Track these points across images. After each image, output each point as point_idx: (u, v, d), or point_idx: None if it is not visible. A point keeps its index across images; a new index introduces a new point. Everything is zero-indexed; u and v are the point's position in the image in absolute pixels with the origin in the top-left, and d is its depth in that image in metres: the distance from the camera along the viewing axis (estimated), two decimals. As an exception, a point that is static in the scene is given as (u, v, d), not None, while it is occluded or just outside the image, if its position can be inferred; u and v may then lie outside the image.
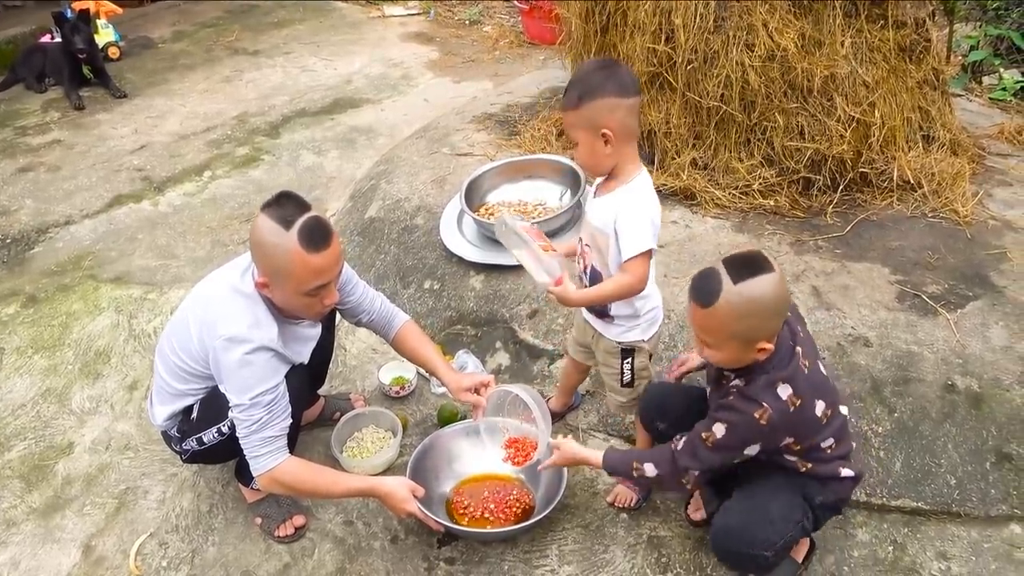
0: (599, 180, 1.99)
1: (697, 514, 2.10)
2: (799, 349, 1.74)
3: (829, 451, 1.75)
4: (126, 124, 4.92)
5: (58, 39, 5.34)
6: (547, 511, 2.05)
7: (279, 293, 1.91)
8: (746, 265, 1.59)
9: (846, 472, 1.78)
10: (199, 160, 4.42)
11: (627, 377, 2.07)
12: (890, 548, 2.04)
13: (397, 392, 2.65)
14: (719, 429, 1.68)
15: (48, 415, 2.71)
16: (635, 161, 1.90)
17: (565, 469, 2.10)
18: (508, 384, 2.34)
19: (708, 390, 1.92)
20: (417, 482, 2.07)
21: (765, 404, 1.63)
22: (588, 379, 2.49)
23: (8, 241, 3.77)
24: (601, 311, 2.03)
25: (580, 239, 2.04)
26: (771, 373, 1.67)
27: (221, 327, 1.89)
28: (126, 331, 3.08)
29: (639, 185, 1.88)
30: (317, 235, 1.83)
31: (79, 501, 2.38)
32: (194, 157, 4.46)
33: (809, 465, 1.74)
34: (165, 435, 2.19)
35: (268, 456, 1.93)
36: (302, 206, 1.86)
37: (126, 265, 3.51)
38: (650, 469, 1.79)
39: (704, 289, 1.61)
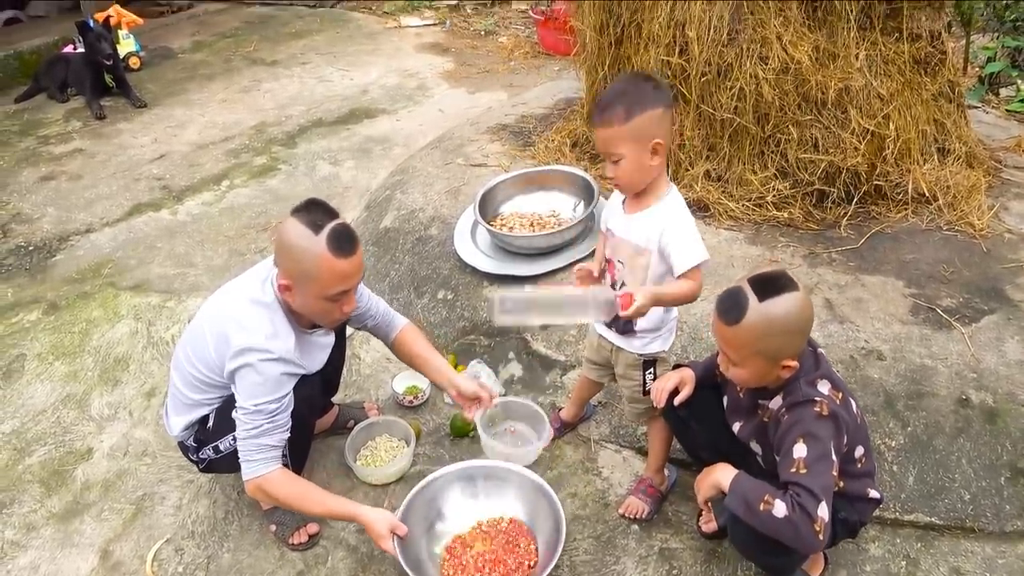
0: (623, 197, 1.98)
1: (708, 526, 2.10)
2: (822, 351, 1.78)
3: (860, 464, 1.75)
4: (146, 133, 4.99)
5: (81, 50, 5.44)
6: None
7: (300, 297, 1.94)
8: (772, 283, 1.63)
9: (873, 493, 1.79)
10: (217, 169, 4.48)
11: (648, 387, 2.08)
12: (903, 563, 2.03)
13: (410, 401, 2.67)
14: (799, 449, 1.62)
15: (68, 421, 2.76)
16: (666, 175, 1.92)
17: (563, 521, 2.03)
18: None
19: (736, 426, 1.89)
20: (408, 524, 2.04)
21: (817, 398, 1.64)
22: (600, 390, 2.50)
23: (31, 249, 3.84)
24: (625, 327, 2.04)
25: (608, 258, 2.04)
26: (806, 375, 1.70)
27: (239, 337, 1.92)
28: (144, 338, 3.12)
29: (676, 199, 1.91)
30: (345, 241, 1.88)
31: (97, 506, 2.42)
32: (212, 166, 4.52)
33: (841, 484, 1.72)
34: (182, 445, 2.23)
35: (260, 463, 1.97)
36: (331, 212, 1.91)
37: (145, 273, 3.56)
38: (780, 508, 1.59)
39: (731, 307, 1.64)
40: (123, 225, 3.99)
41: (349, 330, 2.46)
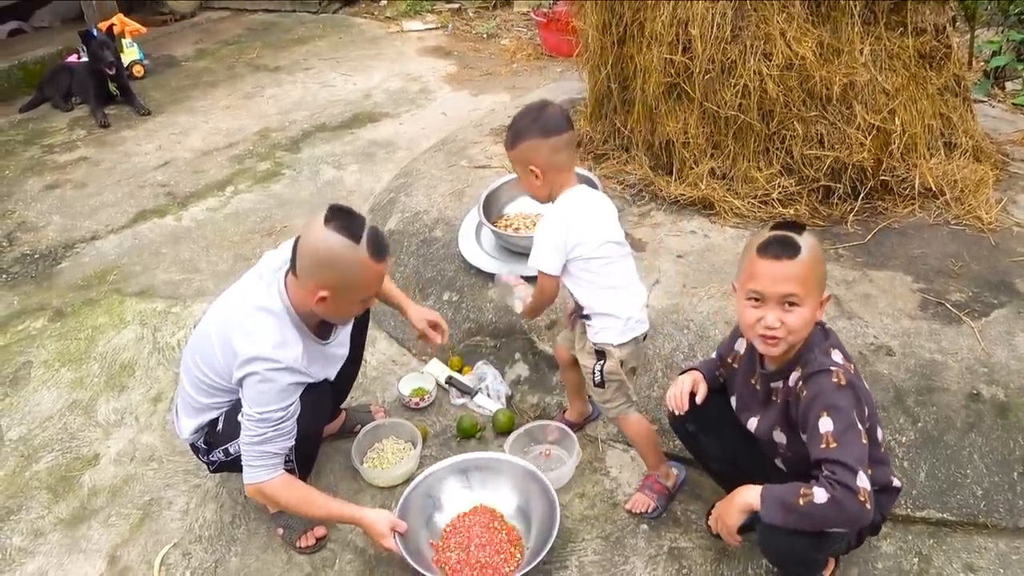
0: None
1: (734, 540, 2.08)
2: (828, 326, 1.78)
3: (882, 448, 1.73)
4: (150, 141, 5.01)
5: (84, 59, 5.45)
6: (534, 562, 1.99)
7: (336, 304, 1.94)
8: (791, 226, 1.67)
9: (896, 482, 1.77)
10: (221, 175, 4.49)
11: (597, 378, 2.10)
12: (915, 560, 2.01)
13: (416, 403, 2.66)
14: (825, 424, 1.58)
15: (75, 427, 2.75)
16: (568, 185, 2.06)
17: (557, 504, 2.06)
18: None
19: (753, 422, 1.86)
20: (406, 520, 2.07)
21: (833, 368, 1.63)
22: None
23: (36, 256, 3.84)
24: (578, 308, 2.13)
25: None
26: (817, 347, 1.69)
27: (246, 346, 1.91)
28: (150, 344, 3.12)
29: (555, 208, 2.05)
30: (382, 244, 1.93)
31: (104, 512, 2.41)
32: (217, 172, 4.53)
33: (868, 471, 1.65)
34: (193, 446, 2.22)
35: (262, 470, 1.96)
36: (360, 217, 1.92)
37: (150, 279, 3.56)
38: (820, 494, 1.54)
39: (786, 243, 1.63)
40: (128, 232, 3.99)
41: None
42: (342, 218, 1.88)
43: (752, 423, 1.87)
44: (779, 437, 1.82)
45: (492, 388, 2.63)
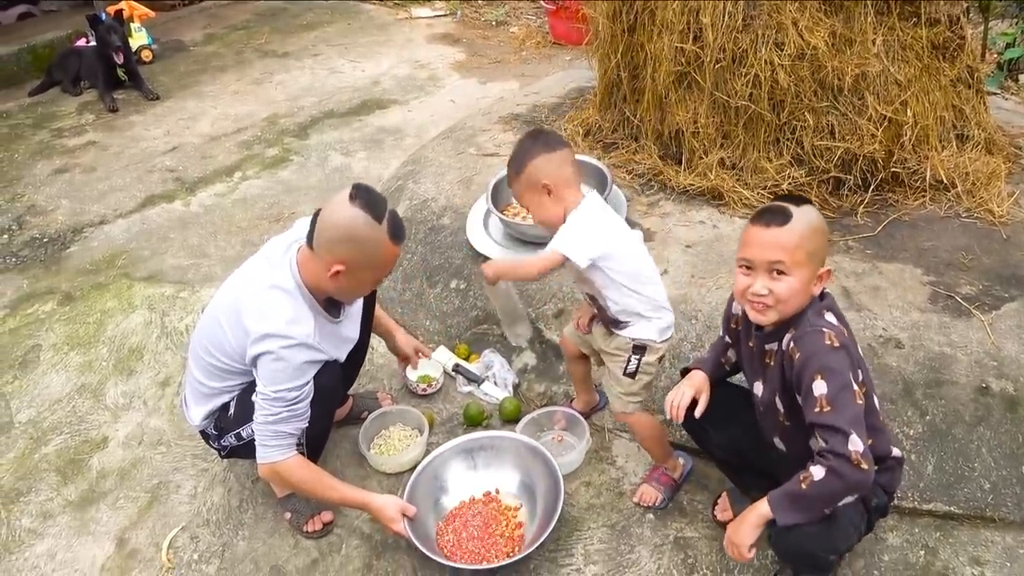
0: None
1: (724, 515, 2.09)
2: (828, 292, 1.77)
3: (881, 417, 1.72)
4: (159, 126, 5.01)
5: (93, 43, 5.45)
6: (533, 546, 2.01)
7: (351, 281, 1.96)
8: (790, 198, 1.68)
9: (896, 452, 1.76)
10: (230, 161, 4.49)
11: (632, 366, 2.05)
12: (921, 553, 2.01)
13: (424, 390, 2.66)
14: (819, 387, 1.57)
15: (83, 410, 2.77)
16: (579, 198, 2.02)
17: (560, 501, 2.06)
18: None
19: (758, 387, 1.83)
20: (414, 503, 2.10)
21: (825, 329, 1.62)
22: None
23: (45, 240, 3.85)
24: (612, 322, 2.05)
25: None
26: (810, 308, 1.68)
27: (259, 323, 1.91)
28: (158, 328, 3.13)
29: (579, 213, 1.99)
30: (400, 227, 1.97)
31: (113, 494, 2.43)
32: (225, 158, 4.53)
33: (870, 441, 1.61)
34: (203, 433, 2.22)
35: (276, 449, 1.97)
36: (384, 198, 1.96)
37: (158, 264, 3.57)
38: (817, 471, 1.55)
39: (776, 211, 1.65)
40: (136, 216, 4.00)
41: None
42: (367, 196, 1.92)
43: (757, 388, 1.85)
44: (779, 403, 1.78)
45: (499, 376, 2.64)
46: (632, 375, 2.07)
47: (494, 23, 6.56)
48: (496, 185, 3.08)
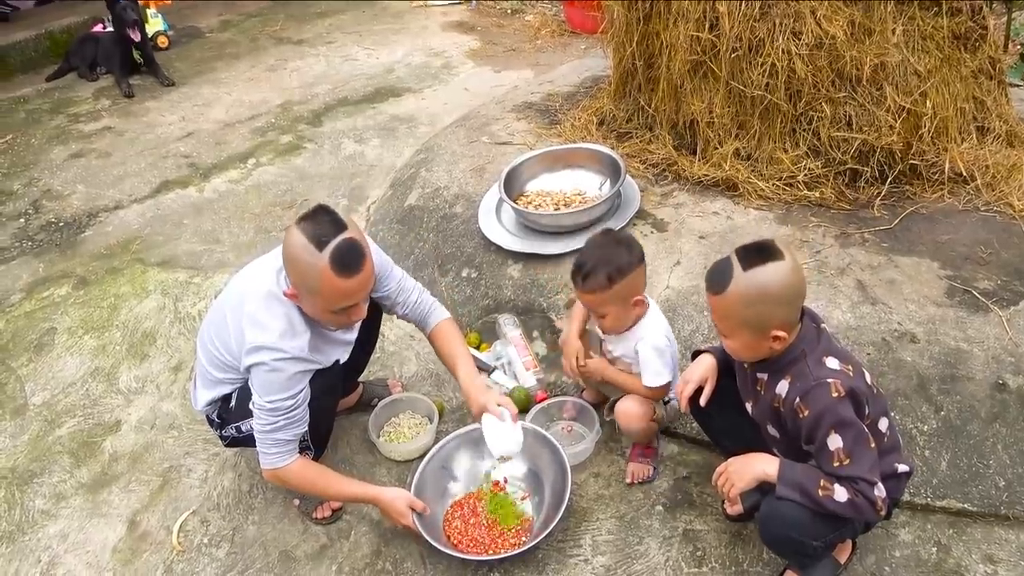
0: None
1: (734, 508, 2.07)
2: (824, 326, 1.75)
3: (886, 439, 1.71)
4: (174, 112, 5.02)
5: (110, 28, 5.47)
6: (537, 539, 2.00)
7: (307, 306, 1.90)
8: (757, 252, 1.62)
9: (902, 468, 1.75)
10: (244, 147, 4.50)
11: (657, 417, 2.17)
12: (934, 550, 1.99)
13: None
14: (834, 441, 1.59)
15: (97, 394, 2.79)
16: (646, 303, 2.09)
17: (568, 491, 2.05)
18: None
19: (748, 406, 1.87)
20: (421, 498, 2.09)
21: (829, 380, 1.61)
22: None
23: (61, 224, 3.88)
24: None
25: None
26: (810, 355, 1.67)
27: (253, 334, 1.89)
28: (171, 314, 3.15)
29: (653, 322, 2.08)
30: (349, 259, 1.78)
31: (125, 477, 2.45)
32: (239, 144, 4.54)
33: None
34: (208, 419, 2.24)
35: (277, 456, 1.97)
36: (338, 225, 1.79)
37: (172, 249, 3.59)
38: (841, 493, 1.58)
39: (716, 277, 1.65)
40: (151, 202, 4.02)
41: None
42: (316, 220, 1.79)
43: (749, 407, 1.87)
44: (772, 431, 1.82)
45: (516, 363, 2.62)
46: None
47: (509, 11, 6.52)
48: (509, 174, 3.06)
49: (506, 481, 2.22)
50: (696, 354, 2.00)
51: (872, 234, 2.76)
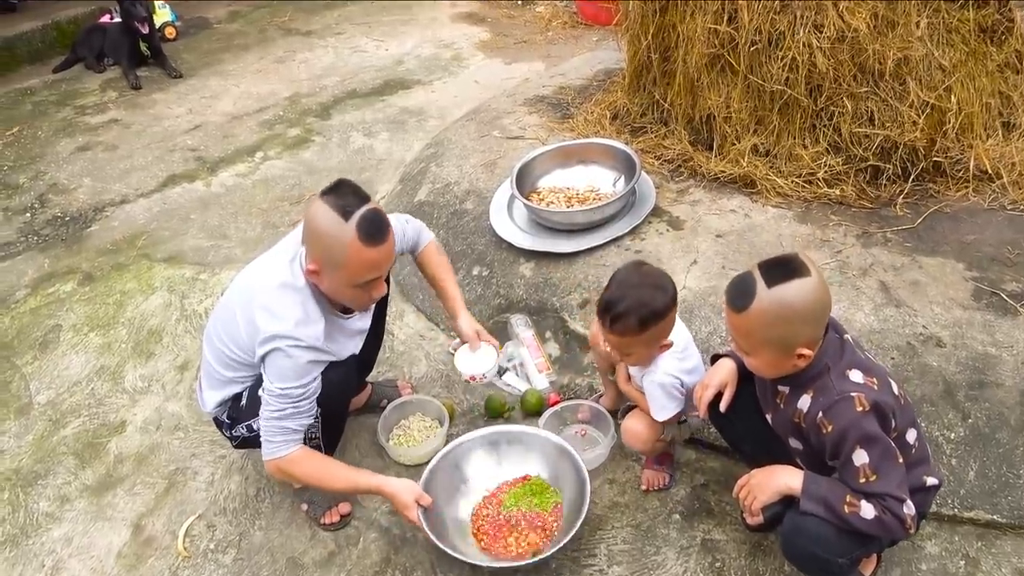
0: None
1: (754, 519, 2.01)
2: (848, 337, 1.68)
3: (914, 450, 1.65)
4: (181, 104, 4.97)
5: (117, 19, 5.41)
6: (554, 548, 1.93)
7: (328, 282, 1.88)
8: (781, 268, 1.54)
9: (930, 480, 1.68)
10: (251, 141, 4.44)
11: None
12: (962, 563, 1.92)
13: (471, 379, 2.50)
14: (860, 456, 1.53)
15: (102, 393, 2.75)
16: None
17: (587, 500, 1.98)
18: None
19: (768, 416, 1.81)
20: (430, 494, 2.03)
21: (853, 393, 1.55)
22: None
23: (67, 219, 3.84)
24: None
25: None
26: (833, 368, 1.61)
27: (268, 324, 1.86)
28: (178, 311, 3.10)
29: (665, 356, 1.98)
30: (376, 229, 1.79)
31: (130, 480, 2.40)
32: (246, 138, 4.48)
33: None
34: (216, 420, 2.19)
35: (281, 445, 1.92)
36: (362, 196, 1.81)
37: (179, 245, 3.54)
38: (868, 510, 1.52)
39: (739, 294, 1.57)
40: (157, 196, 3.97)
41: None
42: (339, 192, 1.80)
43: (768, 416, 1.82)
44: (794, 444, 1.76)
45: (528, 364, 2.56)
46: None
47: (520, 2, 6.43)
48: (521, 169, 3.00)
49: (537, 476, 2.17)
50: (715, 358, 1.94)
51: (895, 233, 2.69)
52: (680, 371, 1.99)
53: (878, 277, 2.48)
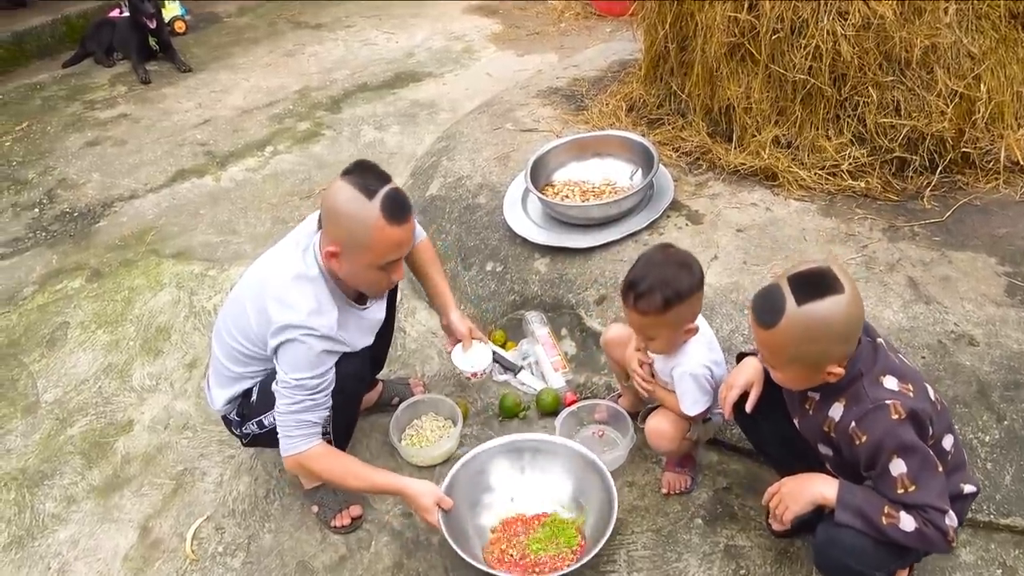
0: None
1: (780, 524, 1.94)
2: (880, 340, 1.60)
3: (950, 457, 1.57)
4: (191, 98, 4.92)
5: (127, 14, 5.37)
6: (576, 565, 1.85)
7: (348, 265, 1.83)
8: (813, 284, 1.45)
9: (968, 488, 1.61)
10: (261, 135, 4.39)
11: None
12: (998, 572, 1.84)
13: (470, 377, 2.48)
14: (897, 466, 1.45)
15: (109, 391, 2.70)
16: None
17: (615, 500, 1.92)
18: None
19: (796, 421, 1.74)
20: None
21: (888, 401, 1.47)
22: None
23: (76, 215, 3.80)
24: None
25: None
26: (866, 375, 1.53)
27: (282, 314, 1.82)
28: (187, 308, 3.05)
29: (694, 344, 1.92)
30: (400, 207, 1.77)
31: (137, 480, 2.36)
32: (256, 132, 4.43)
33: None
34: (225, 419, 2.14)
35: (300, 439, 1.87)
36: (383, 176, 1.80)
37: (188, 241, 3.49)
38: (908, 522, 1.44)
39: (765, 309, 1.49)
40: (167, 191, 3.92)
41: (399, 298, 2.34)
42: (361, 172, 1.79)
43: (795, 421, 1.74)
44: (824, 450, 1.69)
45: (544, 363, 2.50)
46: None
47: (532, -7, 6.34)
48: (535, 162, 2.92)
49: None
50: (740, 356, 1.87)
51: (922, 227, 2.60)
52: (711, 361, 1.92)
53: (906, 272, 2.40)
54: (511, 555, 1.95)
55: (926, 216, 2.65)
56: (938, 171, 2.79)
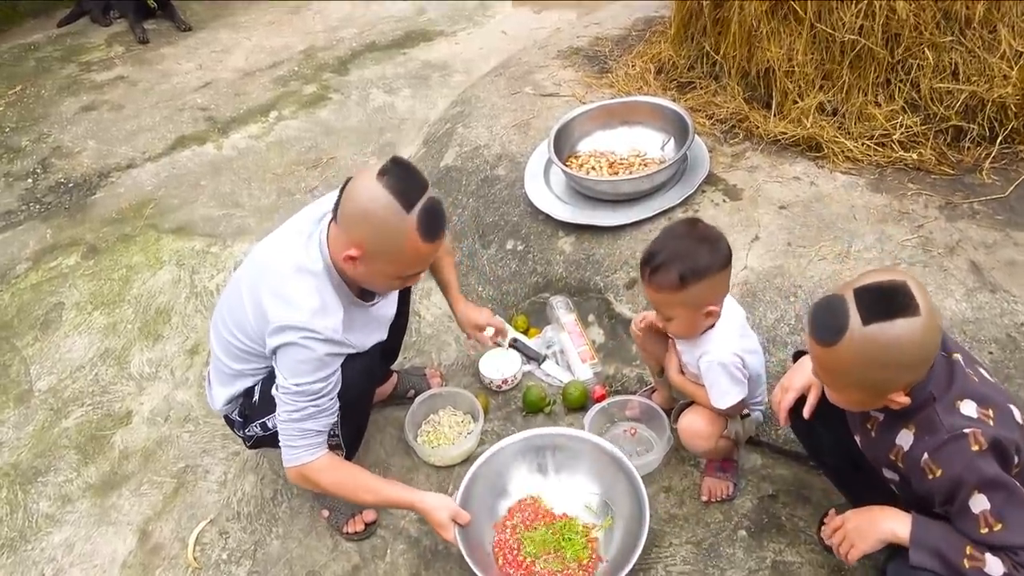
0: None
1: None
2: (957, 356, 1.39)
3: None
4: (190, 59, 4.70)
5: (123, -31, 5.12)
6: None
7: (368, 269, 1.65)
8: (884, 301, 1.25)
9: None
10: (264, 99, 4.17)
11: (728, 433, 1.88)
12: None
13: (500, 385, 2.32)
14: (979, 502, 1.28)
15: (106, 379, 2.55)
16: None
17: (646, 502, 1.76)
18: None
19: (858, 438, 1.56)
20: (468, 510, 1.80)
21: (967, 430, 1.28)
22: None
23: (71, 186, 3.61)
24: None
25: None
26: (939, 399, 1.34)
27: (281, 312, 1.64)
28: (187, 288, 2.88)
29: (722, 325, 1.78)
30: (436, 223, 1.63)
31: (136, 478, 2.21)
32: (259, 95, 4.21)
33: None
34: (227, 419, 1.98)
35: (304, 450, 1.71)
36: (422, 183, 1.63)
37: (188, 214, 3.31)
38: (996, 567, 1.27)
39: (824, 323, 1.29)
40: (166, 160, 3.72)
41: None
42: (399, 176, 1.58)
43: (857, 439, 1.57)
44: (889, 475, 1.50)
45: (570, 352, 2.32)
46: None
47: (548, -55, 6.02)
48: (559, 132, 2.70)
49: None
50: (798, 355, 1.68)
51: (983, 204, 2.38)
52: (742, 349, 1.75)
53: (968, 256, 2.19)
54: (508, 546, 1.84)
55: (986, 192, 2.42)
56: (998, 141, 2.56)
